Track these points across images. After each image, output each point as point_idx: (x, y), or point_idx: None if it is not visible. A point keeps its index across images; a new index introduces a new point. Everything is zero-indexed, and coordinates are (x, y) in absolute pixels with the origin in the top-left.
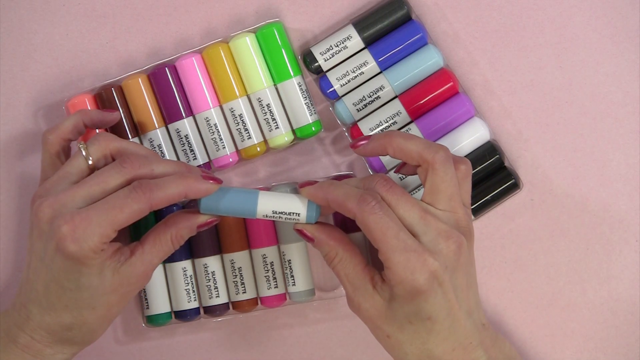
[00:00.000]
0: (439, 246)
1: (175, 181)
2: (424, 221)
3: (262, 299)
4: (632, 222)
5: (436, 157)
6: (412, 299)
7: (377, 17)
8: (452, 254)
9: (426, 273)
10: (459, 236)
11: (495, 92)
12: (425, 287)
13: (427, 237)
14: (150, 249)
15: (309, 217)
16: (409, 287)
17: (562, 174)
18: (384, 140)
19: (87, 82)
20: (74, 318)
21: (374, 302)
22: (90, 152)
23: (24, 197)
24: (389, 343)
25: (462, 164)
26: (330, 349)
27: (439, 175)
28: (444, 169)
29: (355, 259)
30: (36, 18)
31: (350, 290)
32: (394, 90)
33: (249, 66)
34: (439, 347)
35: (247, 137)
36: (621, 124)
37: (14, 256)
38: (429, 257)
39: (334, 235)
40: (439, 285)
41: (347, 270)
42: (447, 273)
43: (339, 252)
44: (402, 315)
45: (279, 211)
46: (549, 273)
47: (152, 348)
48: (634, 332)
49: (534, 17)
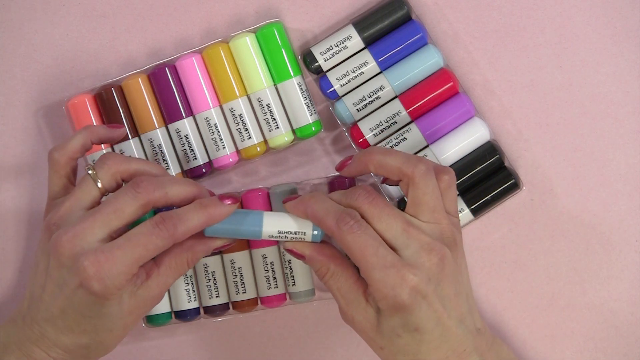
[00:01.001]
0: (421, 259)
1: (197, 212)
2: (407, 234)
3: (262, 299)
4: (632, 222)
5: (415, 171)
6: (396, 313)
7: (377, 17)
8: (434, 266)
9: (407, 288)
10: (441, 248)
11: (495, 92)
12: (408, 301)
13: (409, 250)
14: (165, 271)
15: (315, 236)
16: (392, 302)
17: (562, 174)
18: (365, 158)
19: (87, 82)
20: (91, 339)
21: (366, 315)
22: (100, 177)
23: (23, 197)
24: (382, 354)
25: (445, 174)
26: (330, 349)
27: (420, 189)
28: (424, 182)
29: (346, 272)
30: (36, 18)
31: (343, 304)
32: (394, 90)
33: (249, 66)
34: (431, 356)
35: (247, 137)
36: (621, 124)
37: (14, 256)
38: (408, 272)
39: (324, 251)
40: (423, 298)
41: (339, 284)
42: (430, 285)
43: (330, 267)
44: (391, 327)
45: (285, 231)
46: (549, 273)
47: (152, 348)
48: (634, 332)
49: (534, 17)
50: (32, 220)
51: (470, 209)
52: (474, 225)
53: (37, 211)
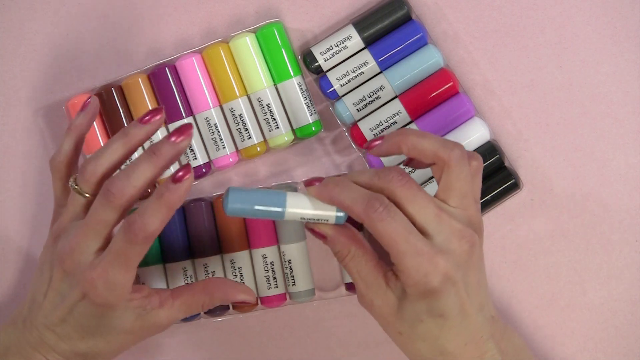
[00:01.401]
0: (452, 245)
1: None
2: (438, 219)
3: (262, 299)
4: (632, 222)
5: (452, 155)
6: (425, 298)
7: (377, 17)
8: (464, 253)
9: (439, 275)
10: (472, 235)
11: (495, 92)
12: (439, 287)
13: (440, 236)
14: (179, 307)
15: (338, 219)
16: (423, 289)
17: (562, 174)
18: (398, 139)
19: (87, 82)
20: (89, 349)
21: (386, 299)
22: (82, 188)
23: (24, 197)
24: (400, 339)
25: (474, 159)
26: (330, 349)
27: (454, 174)
28: (459, 167)
29: (367, 255)
30: (36, 18)
31: (362, 287)
32: (394, 90)
33: (249, 66)
34: (451, 343)
35: (247, 137)
36: (621, 124)
37: (14, 257)
38: (440, 258)
39: (345, 233)
40: (452, 285)
41: (359, 267)
42: (459, 272)
43: (352, 250)
44: (415, 313)
45: (308, 217)
46: (549, 273)
47: (152, 348)
48: (634, 332)
49: (534, 17)
50: (32, 220)
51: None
52: None
53: (37, 211)
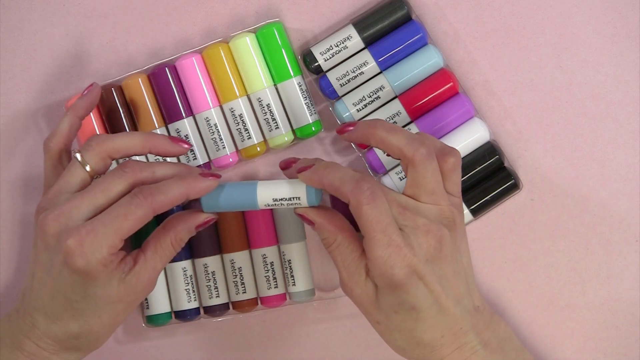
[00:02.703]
0: (419, 240)
1: (175, 183)
2: (403, 216)
3: (262, 299)
4: (632, 222)
5: (416, 154)
6: (393, 290)
7: (377, 17)
8: (432, 248)
9: (405, 268)
10: (438, 229)
11: (495, 92)
12: (404, 280)
13: (406, 230)
14: (152, 256)
15: (310, 200)
16: (389, 281)
17: (562, 174)
18: (367, 131)
19: (87, 82)
20: (81, 327)
21: (366, 289)
22: (87, 160)
23: (24, 197)
24: (379, 329)
25: (450, 156)
26: (330, 349)
27: (419, 172)
28: (423, 166)
29: (352, 245)
30: (36, 18)
31: (344, 276)
32: (394, 91)
33: (249, 66)
34: (427, 334)
35: (247, 137)
36: (621, 124)
37: (15, 257)
38: (407, 252)
39: (334, 221)
40: (420, 278)
41: (343, 256)
42: (427, 266)
43: (338, 238)
44: (388, 304)
45: (279, 198)
46: (549, 273)
47: (152, 348)
48: (634, 332)
49: (534, 17)
50: (32, 220)
51: (470, 209)
52: (474, 225)
53: None
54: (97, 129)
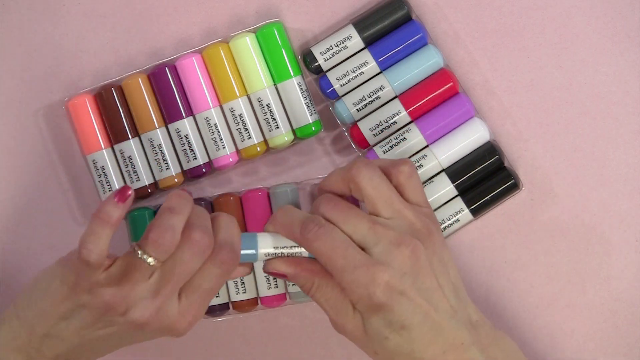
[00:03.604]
0: (392, 255)
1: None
2: (373, 232)
3: (262, 299)
4: (632, 222)
5: (352, 170)
6: (376, 313)
7: (377, 17)
8: (407, 259)
9: (380, 285)
10: (410, 240)
11: (495, 92)
12: (384, 298)
13: (378, 247)
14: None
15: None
16: (369, 302)
17: (562, 174)
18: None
19: (87, 82)
20: None
21: (355, 322)
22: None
23: (24, 197)
24: (379, 359)
25: (402, 164)
26: (330, 349)
27: (366, 185)
28: (366, 177)
29: (331, 282)
30: (36, 18)
31: (332, 314)
32: (394, 90)
33: (249, 66)
34: (427, 353)
35: (247, 137)
36: (621, 124)
37: (13, 257)
38: (378, 268)
39: (306, 267)
40: (400, 294)
41: (326, 296)
42: (406, 280)
43: (315, 281)
44: (376, 330)
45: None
46: (549, 273)
47: (152, 348)
48: (634, 332)
49: (534, 17)
50: (31, 220)
51: (470, 209)
52: (474, 225)
53: (37, 211)
54: (97, 129)
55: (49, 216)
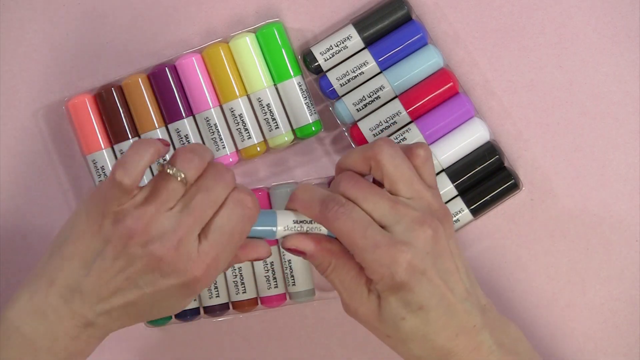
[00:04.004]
0: (414, 233)
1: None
2: (395, 211)
3: (262, 299)
4: (632, 222)
5: (376, 148)
6: (397, 293)
7: (377, 17)
8: (429, 238)
9: (403, 264)
10: (432, 220)
11: (495, 92)
12: (406, 278)
13: (400, 226)
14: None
15: None
16: (390, 282)
17: (562, 174)
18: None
19: (87, 82)
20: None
21: (369, 305)
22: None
23: (24, 197)
24: (391, 342)
25: (419, 148)
26: (330, 349)
27: (388, 163)
28: (389, 155)
29: (348, 264)
30: (36, 18)
31: (346, 297)
32: (394, 90)
33: (249, 66)
34: (440, 336)
35: (247, 137)
36: (621, 124)
37: (13, 257)
38: (401, 248)
39: (325, 246)
40: (422, 274)
41: (341, 277)
42: (428, 259)
43: (332, 262)
44: (394, 311)
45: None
46: (549, 273)
47: (152, 348)
48: (634, 332)
49: (534, 17)
50: (32, 220)
51: (470, 209)
52: (474, 225)
53: (37, 211)
54: (97, 129)
55: (49, 216)
